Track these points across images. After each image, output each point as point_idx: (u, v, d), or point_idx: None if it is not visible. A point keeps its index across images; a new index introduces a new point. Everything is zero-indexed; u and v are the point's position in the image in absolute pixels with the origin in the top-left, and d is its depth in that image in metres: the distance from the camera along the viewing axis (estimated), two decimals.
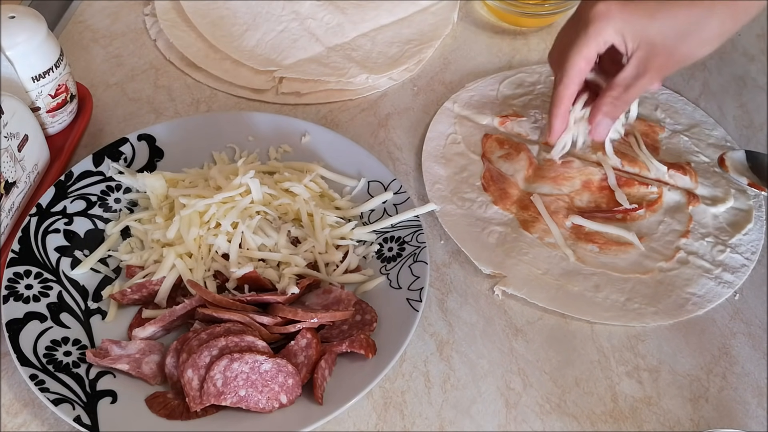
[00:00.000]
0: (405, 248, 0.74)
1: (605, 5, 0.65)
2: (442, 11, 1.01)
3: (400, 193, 0.78)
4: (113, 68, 0.93)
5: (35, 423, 0.65)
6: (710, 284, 0.75)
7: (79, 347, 0.67)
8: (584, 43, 0.67)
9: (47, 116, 0.80)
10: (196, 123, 0.83)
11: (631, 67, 0.68)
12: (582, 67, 0.68)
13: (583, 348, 0.72)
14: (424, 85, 0.94)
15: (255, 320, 0.67)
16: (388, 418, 0.66)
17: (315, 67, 0.92)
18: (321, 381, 0.65)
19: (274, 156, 0.82)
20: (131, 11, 1.00)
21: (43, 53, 0.77)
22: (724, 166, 0.81)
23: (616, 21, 0.65)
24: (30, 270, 0.70)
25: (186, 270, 0.70)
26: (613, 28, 0.65)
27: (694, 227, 0.80)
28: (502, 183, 0.82)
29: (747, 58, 0.99)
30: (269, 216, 0.74)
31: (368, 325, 0.69)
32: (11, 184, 0.72)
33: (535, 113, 0.88)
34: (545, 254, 0.77)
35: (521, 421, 0.67)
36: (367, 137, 0.87)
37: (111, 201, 0.77)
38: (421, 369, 0.69)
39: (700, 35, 0.66)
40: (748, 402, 0.69)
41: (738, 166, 0.81)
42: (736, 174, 0.80)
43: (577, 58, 0.68)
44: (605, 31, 0.66)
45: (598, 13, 0.65)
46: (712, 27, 0.65)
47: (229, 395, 0.63)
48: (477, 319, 0.73)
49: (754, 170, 0.80)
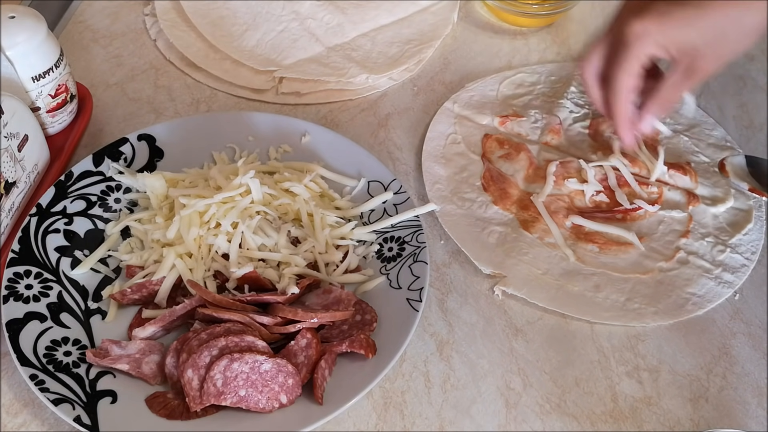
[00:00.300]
0: (405, 248, 0.74)
1: (641, 25, 0.67)
2: (442, 11, 1.01)
3: (400, 193, 0.78)
4: (113, 68, 0.93)
5: (35, 423, 0.65)
6: (710, 284, 0.75)
7: (79, 347, 0.67)
8: (628, 62, 0.69)
9: (47, 116, 0.80)
10: (196, 123, 0.83)
11: (678, 73, 0.70)
12: (630, 85, 0.71)
13: (583, 348, 0.72)
14: (424, 85, 0.94)
15: (255, 320, 0.67)
16: (388, 418, 0.66)
17: (315, 67, 0.92)
18: (321, 381, 0.65)
19: (274, 156, 0.82)
20: (131, 11, 1.00)
21: (43, 53, 0.77)
22: (725, 171, 0.81)
23: (656, 37, 0.67)
24: (30, 270, 0.70)
25: (186, 270, 0.70)
26: (654, 44, 0.67)
27: (694, 227, 0.80)
28: (502, 183, 0.82)
29: (747, 58, 0.99)
30: (269, 216, 0.74)
31: (368, 325, 0.69)
32: (11, 184, 0.72)
33: (535, 113, 0.88)
34: (545, 254, 0.77)
35: (521, 421, 0.67)
36: (367, 137, 0.87)
37: (111, 201, 0.77)
38: (421, 369, 0.69)
39: (740, 32, 0.67)
40: (748, 402, 0.69)
41: (738, 171, 0.81)
42: (736, 179, 0.80)
43: (625, 77, 0.70)
44: (647, 48, 0.68)
45: (636, 33, 0.67)
46: (750, 21, 0.67)
47: (229, 395, 0.63)
48: (477, 319, 0.73)
49: (754, 175, 0.80)
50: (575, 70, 0.93)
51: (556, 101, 0.90)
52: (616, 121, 0.74)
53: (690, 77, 0.70)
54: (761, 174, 0.80)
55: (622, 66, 0.70)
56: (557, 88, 0.92)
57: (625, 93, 0.71)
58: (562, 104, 0.90)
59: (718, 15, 0.66)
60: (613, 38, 0.71)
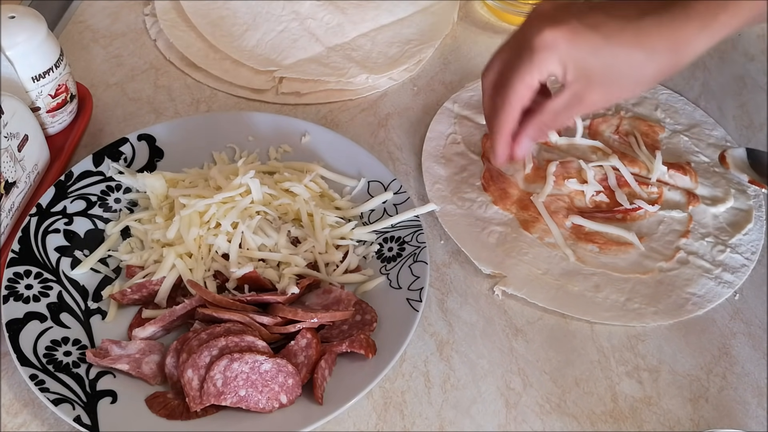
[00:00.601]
0: (405, 248, 0.74)
1: (552, 35, 0.63)
2: (442, 11, 1.01)
3: (400, 193, 0.78)
4: (113, 68, 0.93)
5: (35, 423, 0.65)
6: (710, 284, 0.75)
7: (79, 347, 0.67)
8: (528, 71, 0.65)
9: (47, 116, 0.80)
10: (196, 123, 0.83)
11: (564, 97, 0.66)
12: (524, 94, 0.66)
13: (583, 348, 0.72)
14: (424, 85, 0.94)
15: (255, 320, 0.67)
16: (388, 418, 0.66)
17: (315, 67, 0.92)
18: (321, 381, 0.65)
19: (274, 156, 0.82)
20: (131, 11, 1.00)
21: (43, 53, 0.77)
22: (725, 162, 0.81)
23: (561, 52, 0.63)
24: (30, 270, 0.70)
25: (186, 270, 0.70)
26: (558, 59, 0.63)
27: (694, 227, 0.80)
28: (502, 183, 0.82)
29: (747, 58, 0.99)
30: (269, 216, 0.74)
31: (368, 325, 0.69)
32: (11, 184, 0.72)
33: None
34: (545, 254, 0.77)
35: (521, 421, 0.67)
36: (367, 137, 0.87)
37: (111, 201, 0.77)
38: (421, 369, 0.69)
39: (637, 77, 0.65)
40: (748, 402, 0.69)
41: (739, 163, 0.81)
42: (736, 171, 0.80)
43: (520, 86, 0.65)
44: (550, 62, 0.64)
45: (545, 42, 0.63)
46: (649, 70, 0.64)
47: (229, 395, 0.63)
48: (477, 319, 0.73)
49: (754, 167, 0.80)
50: None
51: None
52: (495, 132, 0.69)
53: (575, 107, 0.66)
54: (761, 166, 0.80)
55: (520, 72, 0.65)
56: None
57: (516, 103, 0.67)
58: None
59: (622, 53, 0.63)
60: (518, 43, 0.66)
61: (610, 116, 0.89)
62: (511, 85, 0.66)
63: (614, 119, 0.88)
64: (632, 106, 0.91)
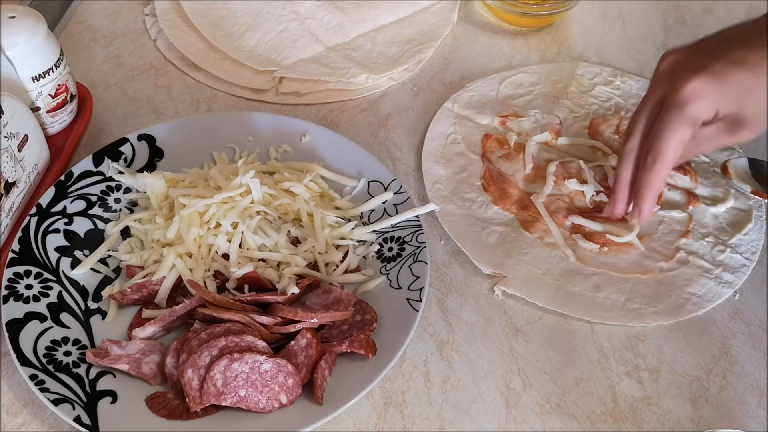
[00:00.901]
0: (405, 248, 0.74)
1: (700, 85, 0.62)
2: (442, 11, 1.01)
3: (400, 193, 0.78)
4: (113, 68, 0.93)
5: (35, 423, 0.65)
6: (710, 284, 0.75)
7: (79, 347, 0.67)
8: (680, 125, 0.64)
9: (47, 116, 0.80)
10: (196, 123, 0.83)
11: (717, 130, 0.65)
12: (679, 149, 0.65)
13: (583, 348, 0.72)
14: (424, 85, 0.94)
15: (255, 320, 0.67)
16: (388, 418, 0.66)
17: (315, 67, 0.92)
18: (321, 381, 0.65)
19: (274, 156, 0.82)
20: (131, 11, 1.00)
21: (43, 53, 0.77)
22: (728, 173, 0.81)
23: (713, 100, 0.63)
24: (30, 270, 0.70)
25: (186, 270, 0.70)
26: (711, 106, 0.63)
27: (694, 227, 0.80)
28: (502, 183, 0.82)
29: None
30: (269, 216, 0.74)
31: (368, 325, 0.69)
32: (11, 184, 0.72)
33: (535, 113, 0.88)
34: (545, 254, 0.77)
35: (521, 421, 0.67)
36: (367, 137, 0.87)
37: (111, 201, 0.77)
38: (421, 369, 0.69)
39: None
40: (748, 402, 0.69)
41: (741, 174, 0.81)
42: (739, 181, 0.80)
43: (674, 142, 0.65)
44: (702, 111, 0.63)
45: (695, 94, 0.62)
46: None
47: (229, 395, 0.63)
48: (477, 319, 0.73)
49: (756, 178, 0.80)
50: (576, 70, 0.93)
51: (556, 101, 0.90)
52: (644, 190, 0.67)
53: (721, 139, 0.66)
54: (763, 176, 0.80)
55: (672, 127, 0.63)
56: (557, 88, 0.92)
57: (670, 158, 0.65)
58: (562, 104, 0.90)
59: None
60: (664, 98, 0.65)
61: (610, 116, 0.89)
62: (663, 140, 0.65)
63: (614, 119, 0.88)
64: (632, 106, 0.90)
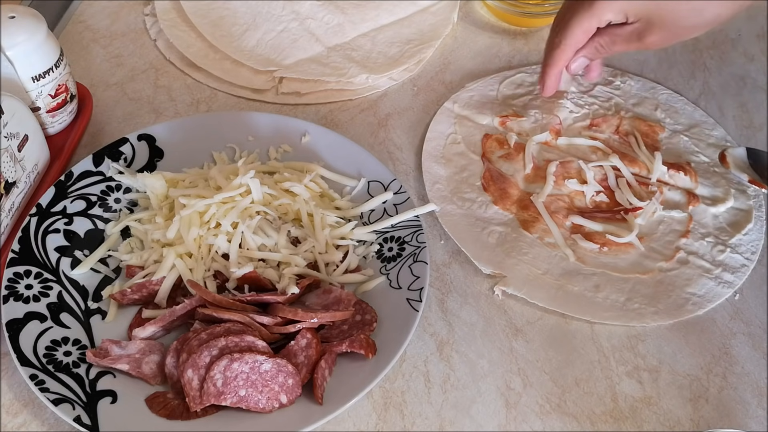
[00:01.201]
0: (405, 248, 0.74)
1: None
2: (442, 11, 1.01)
3: (400, 193, 0.78)
4: (113, 68, 0.93)
5: (35, 423, 0.65)
6: (710, 284, 0.75)
7: (79, 347, 0.67)
8: (586, 17, 0.72)
9: (47, 116, 0.80)
10: (196, 123, 0.83)
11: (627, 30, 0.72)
12: (580, 38, 0.74)
13: (583, 348, 0.72)
14: (424, 85, 0.94)
15: (255, 320, 0.67)
16: (388, 418, 0.66)
17: (315, 67, 0.92)
18: (321, 381, 0.65)
19: (274, 156, 0.82)
20: (131, 11, 1.00)
21: (43, 53, 0.77)
22: (725, 162, 0.81)
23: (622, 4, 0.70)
24: (30, 270, 0.70)
25: (186, 270, 0.70)
26: (618, 7, 0.70)
27: (694, 227, 0.80)
28: (502, 183, 0.82)
29: (747, 58, 0.99)
30: (269, 216, 0.74)
31: (368, 325, 0.69)
32: (11, 184, 0.72)
33: (535, 113, 0.88)
34: (545, 254, 0.77)
35: (521, 421, 0.67)
36: (367, 137, 0.87)
37: (111, 201, 0.77)
38: (421, 369, 0.69)
39: (698, 20, 0.70)
40: (748, 402, 0.69)
41: (739, 163, 0.80)
42: (737, 171, 0.80)
43: (577, 30, 0.73)
44: (608, 10, 0.70)
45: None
46: (710, 12, 0.69)
47: (229, 395, 0.63)
48: (477, 319, 0.73)
49: (754, 167, 0.80)
50: None
51: (556, 101, 0.90)
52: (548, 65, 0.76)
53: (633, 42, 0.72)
54: (762, 166, 0.80)
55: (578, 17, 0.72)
56: None
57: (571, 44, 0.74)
58: (562, 104, 0.90)
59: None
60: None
61: (611, 116, 0.89)
62: (568, 27, 0.74)
63: (614, 119, 0.88)
64: (632, 106, 0.91)
